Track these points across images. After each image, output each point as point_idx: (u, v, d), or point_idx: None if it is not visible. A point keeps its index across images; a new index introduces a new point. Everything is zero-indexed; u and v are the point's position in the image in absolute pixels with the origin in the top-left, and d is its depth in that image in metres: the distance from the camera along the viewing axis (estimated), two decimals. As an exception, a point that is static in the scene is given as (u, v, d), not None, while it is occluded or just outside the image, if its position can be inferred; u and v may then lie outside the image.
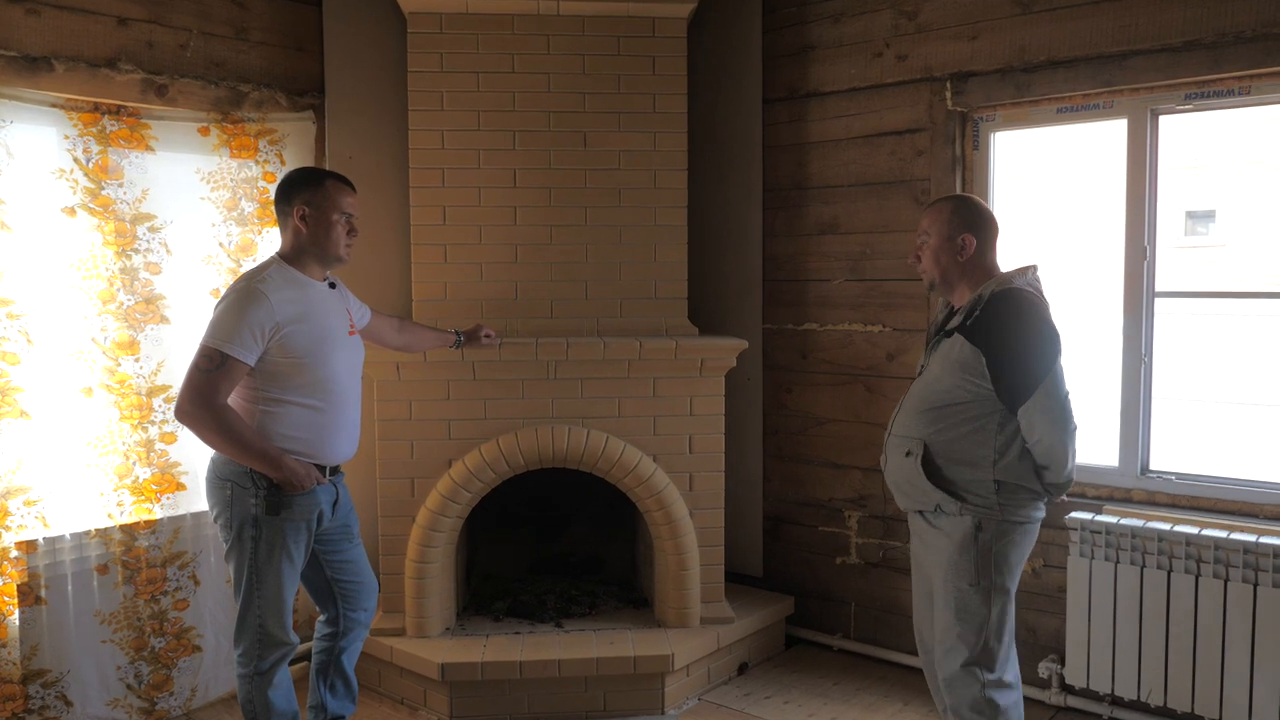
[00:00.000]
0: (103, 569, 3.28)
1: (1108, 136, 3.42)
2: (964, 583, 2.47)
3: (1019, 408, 2.39)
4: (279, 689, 2.78)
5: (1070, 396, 2.42)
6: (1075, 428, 2.42)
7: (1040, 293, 2.51)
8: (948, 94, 3.54)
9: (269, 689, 2.75)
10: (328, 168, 3.60)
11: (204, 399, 2.51)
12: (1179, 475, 3.30)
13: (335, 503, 2.82)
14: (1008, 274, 2.52)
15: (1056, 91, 3.34)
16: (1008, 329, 2.39)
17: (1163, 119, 3.30)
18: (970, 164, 3.59)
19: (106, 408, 3.27)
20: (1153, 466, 3.36)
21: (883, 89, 3.71)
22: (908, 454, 2.53)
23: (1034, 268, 2.56)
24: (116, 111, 3.26)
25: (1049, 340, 2.40)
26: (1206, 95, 3.17)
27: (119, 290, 3.28)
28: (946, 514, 2.49)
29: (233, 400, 2.59)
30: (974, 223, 2.54)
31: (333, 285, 2.83)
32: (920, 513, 2.57)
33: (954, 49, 3.52)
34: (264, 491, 2.62)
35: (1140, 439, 3.35)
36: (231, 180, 3.52)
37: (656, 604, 3.75)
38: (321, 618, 2.99)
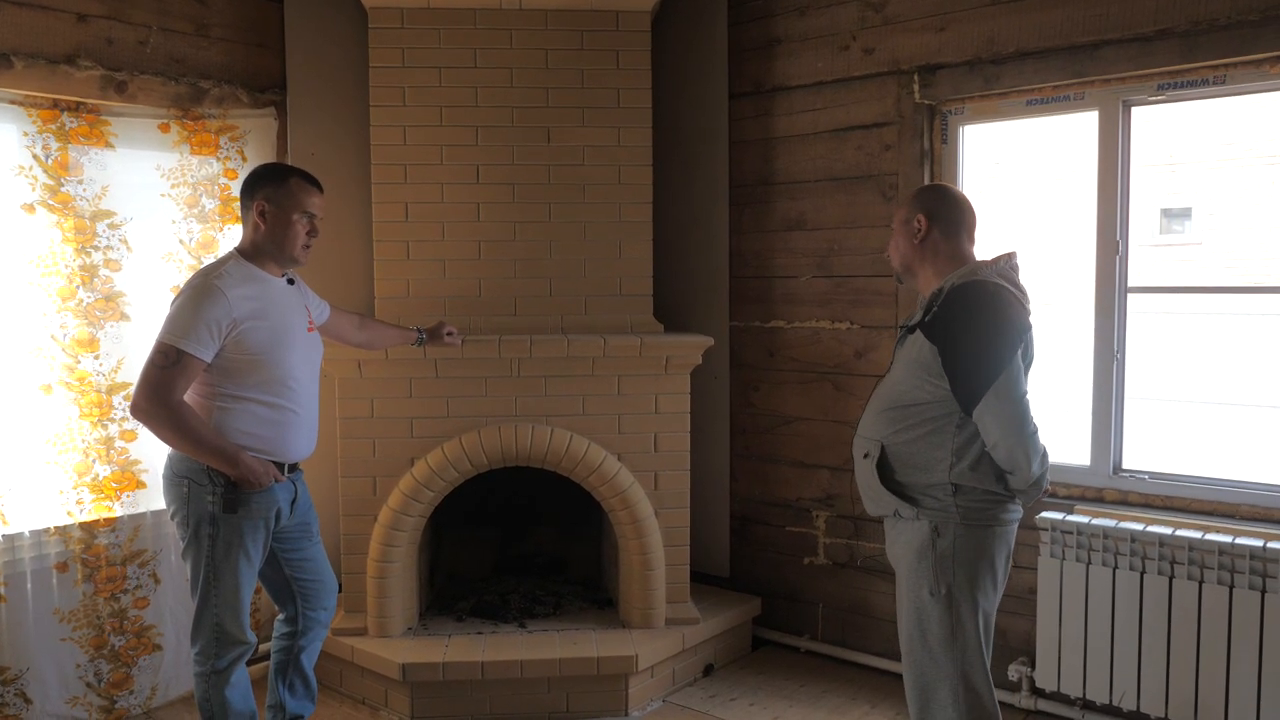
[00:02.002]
0: (62, 567, 3.27)
1: (1079, 129, 3.36)
2: (924, 591, 2.32)
3: (972, 410, 2.23)
4: (236, 688, 2.76)
5: (1028, 397, 2.25)
6: (1034, 430, 2.22)
7: (1012, 282, 2.33)
8: (915, 87, 3.49)
9: (226, 688, 2.73)
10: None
11: (159, 396, 2.49)
12: (1152, 475, 3.23)
13: (294, 501, 2.80)
14: (976, 264, 2.35)
15: (1026, 83, 3.28)
16: (960, 325, 2.24)
17: (1135, 110, 3.24)
18: (939, 158, 3.53)
19: (66, 405, 3.27)
20: (1125, 466, 3.30)
21: (849, 82, 3.66)
22: (865, 456, 2.41)
23: (1008, 255, 2.37)
24: (76, 108, 3.26)
25: (1002, 337, 2.22)
26: (1180, 85, 3.10)
27: (79, 287, 3.28)
28: (904, 519, 2.36)
29: (189, 397, 2.57)
30: (933, 205, 2.40)
31: (291, 281, 2.81)
32: (885, 518, 2.45)
33: (921, 41, 3.47)
34: (221, 489, 2.60)
35: (1113, 437, 3.28)
36: (192, 177, 3.51)
37: (621, 604, 3.71)
38: (280, 616, 2.96)
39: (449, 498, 3.63)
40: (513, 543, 4.25)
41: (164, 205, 3.47)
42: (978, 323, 2.24)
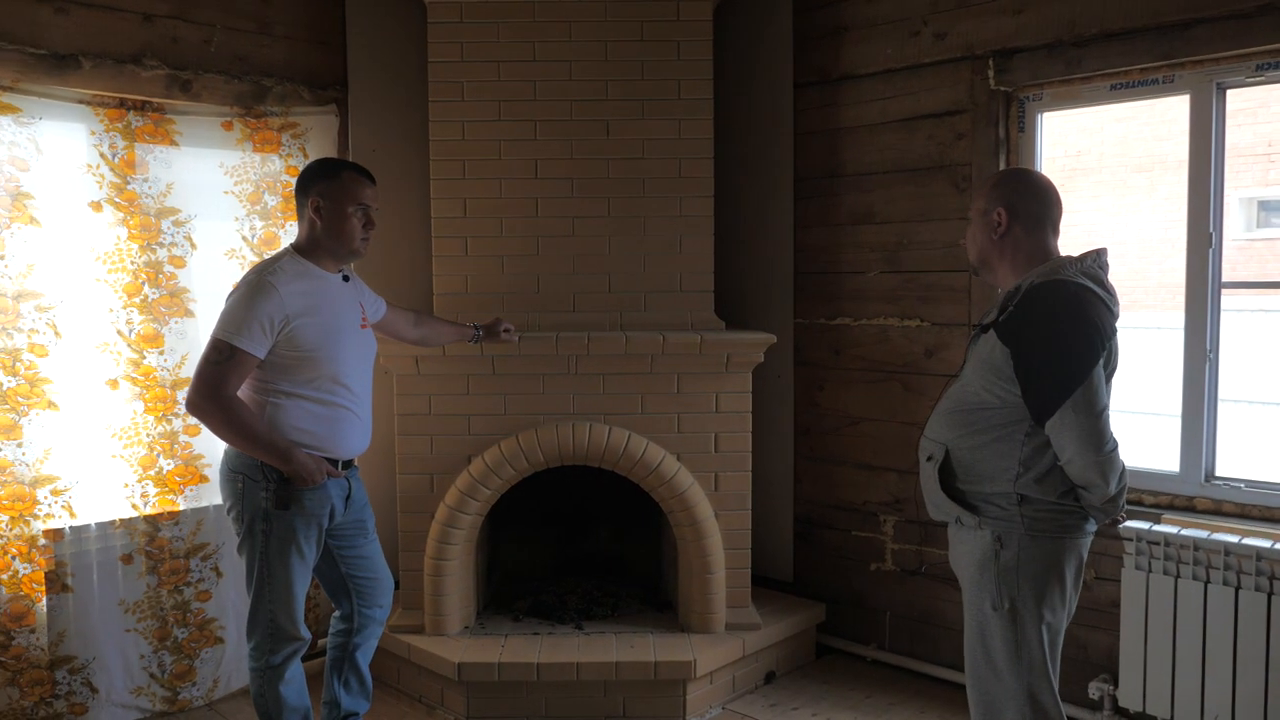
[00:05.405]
0: (127, 559, 3.32)
1: (1169, 114, 3.17)
2: (986, 605, 2.19)
3: (1045, 422, 2.07)
4: (291, 684, 2.76)
5: (1108, 412, 2.08)
6: (1113, 448, 2.06)
7: (1099, 282, 2.15)
8: (990, 73, 3.33)
9: (280, 684, 2.74)
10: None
11: (212, 391, 2.50)
12: (1249, 483, 3.02)
13: (348, 497, 2.78)
14: (1058, 261, 2.16)
15: (1110, 66, 3.10)
16: (1036, 329, 2.07)
17: (1230, 93, 3.03)
18: (1015, 147, 3.37)
19: (131, 400, 3.32)
20: (1219, 473, 3.09)
21: (920, 69, 3.51)
22: (929, 459, 2.28)
23: (1095, 253, 2.19)
24: (142, 107, 3.31)
25: (1083, 345, 2.05)
26: (1281, 65, 2.89)
27: (144, 284, 3.33)
28: (966, 527, 2.23)
29: (242, 392, 2.58)
30: (1014, 197, 2.22)
31: (346, 278, 2.80)
32: (948, 524, 2.32)
33: (997, 24, 3.31)
34: (274, 485, 2.60)
35: (1204, 443, 3.09)
36: (255, 174, 3.54)
37: (680, 608, 3.63)
38: (336, 613, 2.96)
39: (508, 496, 3.59)
40: (572, 542, 4.20)
41: (227, 202, 3.50)
42: (1056, 328, 2.07)
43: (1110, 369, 2.14)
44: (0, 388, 3.05)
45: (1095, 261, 2.18)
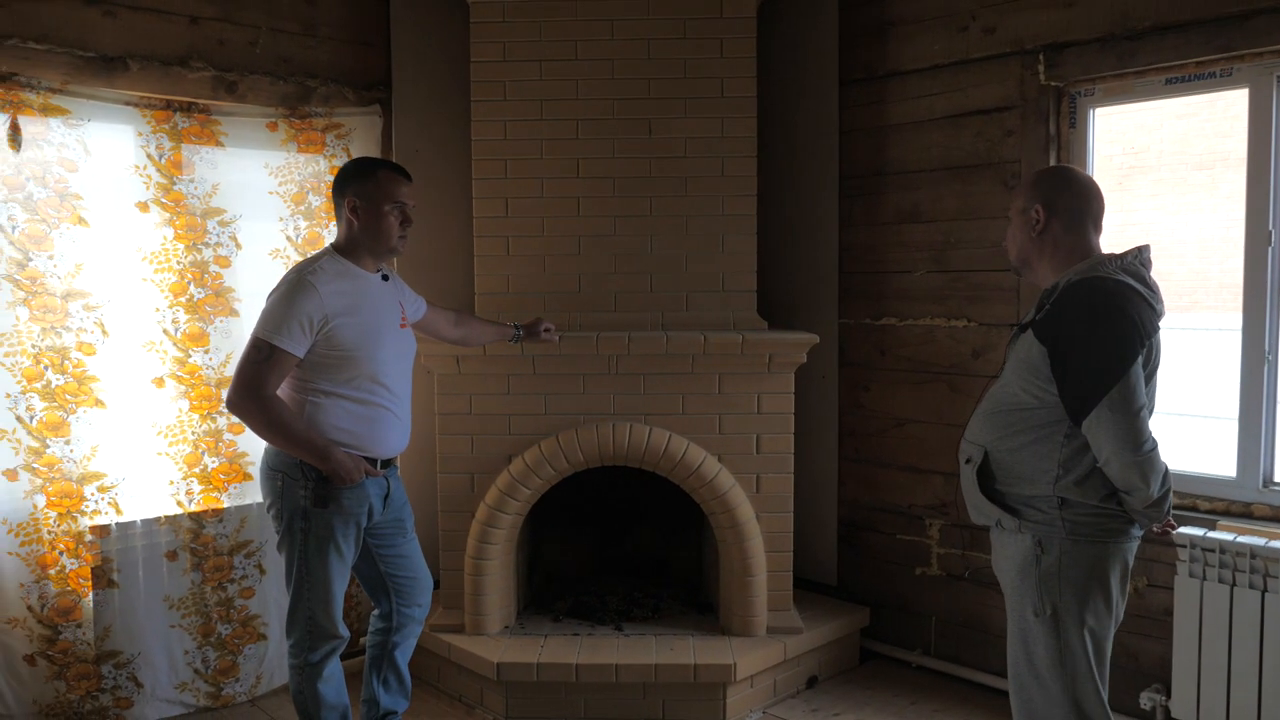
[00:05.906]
0: (172, 555, 3.35)
1: (1230, 110, 3.08)
2: (1028, 611, 2.15)
3: (1081, 420, 2.03)
4: (329, 682, 2.77)
5: (1146, 411, 2.03)
6: (1152, 447, 2.01)
7: (1140, 279, 2.10)
8: (1040, 67, 3.26)
9: (319, 681, 2.75)
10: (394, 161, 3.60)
11: (252, 389, 2.51)
12: (1310, 490, 2.93)
13: (386, 496, 2.78)
14: (1098, 258, 2.12)
15: (1165, 60, 3.01)
16: (1072, 326, 2.03)
17: (1291, 87, 2.95)
18: (1066, 143, 3.29)
19: (177, 398, 3.35)
20: (1277, 479, 3.01)
21: (968, 65, 3.45)
22: (967, 461, 2.24)
23: (1137, 250, 2.15)
24: (188, 108, 3.34)
25: (1120, 341, 2.00)
26: (1348, 56, 2.80)
27: (190, 283, 3.36)
28: (1007, 530, 2.18)
29: (282, 391, 2.59)
30: (1052, 194, 2.18)
31: (386, 277, 2.80)
32: (990, 528, 2.28)
33: (1047, 17, 3.24)
34: (313, 483, 2.60)
35: (1263, 447, 3.00)
36: (299, 175, 3.56)
37: (721, 610, 3.59)
38: (376, 612, 2.97)
39: (549, 496, 3.58)
40: (613, 543, 4.18)
41: (272, 203, 3.52)
42: (1092, 324, 2.02)
43: (1151, 367, 2.09)
44: (49, 385, 3.09)
45: (1137, 258, 2.14)
